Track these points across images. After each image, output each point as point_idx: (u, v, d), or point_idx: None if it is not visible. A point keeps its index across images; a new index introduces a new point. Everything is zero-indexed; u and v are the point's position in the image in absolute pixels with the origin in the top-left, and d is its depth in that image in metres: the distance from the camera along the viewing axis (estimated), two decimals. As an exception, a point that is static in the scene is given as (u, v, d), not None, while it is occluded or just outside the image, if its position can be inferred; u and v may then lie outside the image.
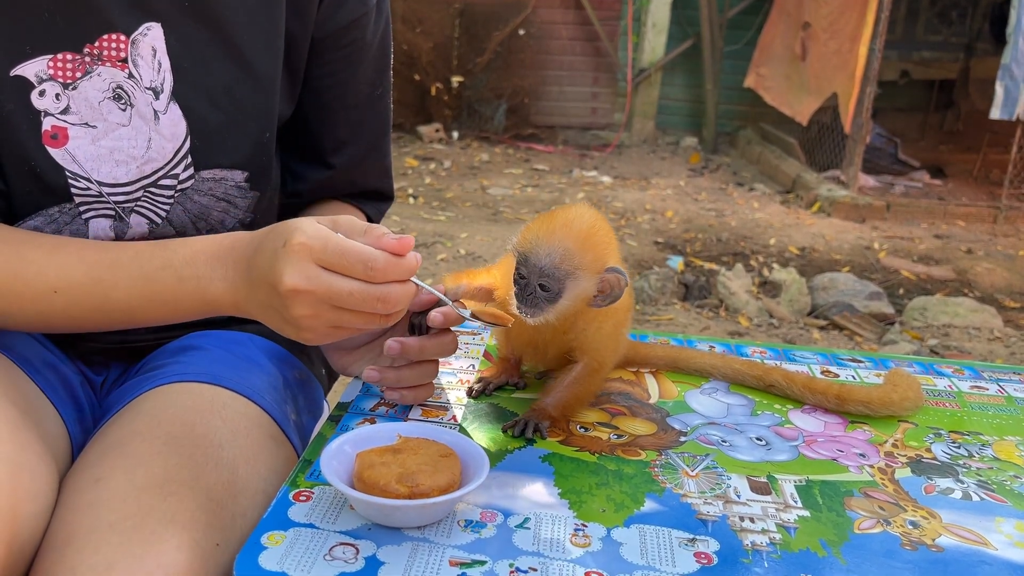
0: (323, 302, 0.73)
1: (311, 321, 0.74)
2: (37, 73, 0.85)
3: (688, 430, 0.92)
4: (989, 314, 3.43)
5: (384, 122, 1.09)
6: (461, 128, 6.55)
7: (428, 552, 0.69)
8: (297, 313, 0.74)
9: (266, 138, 0.96)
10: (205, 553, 0.72)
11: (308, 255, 0.72)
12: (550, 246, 0.82)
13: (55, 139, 0.87)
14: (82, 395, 0.97)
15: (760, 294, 3.59)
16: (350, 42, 0.99)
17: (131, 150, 0.89)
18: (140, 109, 0.89)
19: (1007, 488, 0.85)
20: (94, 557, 0.70)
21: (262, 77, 0.93)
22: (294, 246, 0.72)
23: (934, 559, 0.72)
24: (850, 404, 0.97)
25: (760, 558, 0.71)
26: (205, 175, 0.93)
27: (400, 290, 0.74)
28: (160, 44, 0.88)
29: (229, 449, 0.83)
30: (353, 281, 0.72)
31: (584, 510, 0.76)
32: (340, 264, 0.72)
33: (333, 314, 0.74)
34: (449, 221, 4.49)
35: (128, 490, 0.75)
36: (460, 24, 6.50)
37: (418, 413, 0.92)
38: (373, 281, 0.72)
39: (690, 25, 6.59)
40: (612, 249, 0.86)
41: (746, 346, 1.18)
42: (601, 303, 0.85)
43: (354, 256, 0.72)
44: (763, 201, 5.19)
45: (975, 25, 6.57)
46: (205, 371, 0.92)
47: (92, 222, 0.92)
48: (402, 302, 0.75)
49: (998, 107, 4.65)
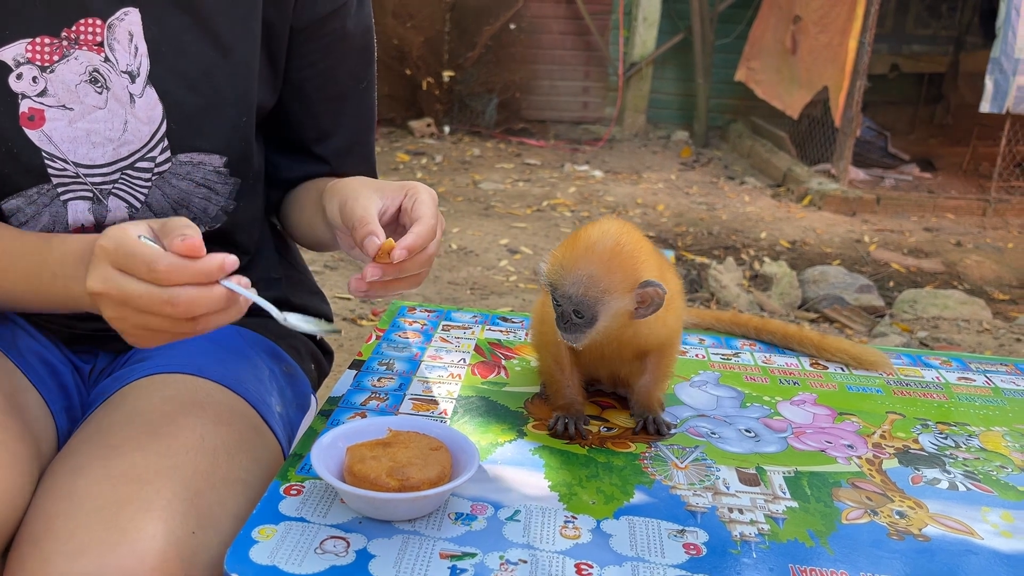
0: (122, 304, 0.72)
1: (120, 324, 0.74)
2: (15, 57, 0.87)
3: (678, 422, 0.93)
4: (978, 306, 3.45)
5: (369, 117, 1.10)
6: (452, 123, 6.54)
7: (419, 545, 0.69)
8: (107, 315, 0.74)
9: (243, 122, 0.97)
10: (180, 540, 0.73)
11: (105, 257, 0.72)
12: (575, 275, 0.82)
13: (32, 120, 0.89)
14: (71, 384, 0.98)
15: (751, 287, 3.59)
16: (330, 32, 1.00)
17: (107, 132, 0.91)
18: (116, 92, 0.90)
19: (993, 478, 0.85)
20: (68, 544, 0.71)
21: (239, 63, 0.94)
22: (96, 249, 0.73)
23: (921, 549, 0.73)
24: (827, 351, 1.13)
25: (749, 549, 0.71)
26: (182, 159, 0.94)
27: (195, 293, 0.70)
28: (137, 29, 0.90)
29: (210, 439, 0.84)
30: (141, 283, 0.71)
31: (574, 502, 0.76)
32: (129, 265, 0.71)
33: (138, 317, 0.73)
34: (441, 215, 4.48)
35: (104, 479, 0.76)
36: (451, 18, 6.48)
37: (409, 407, 0.92)
38: (159, 283, 0.70)
39: (681, 19, 6.59)
40: (642, 262, 0.84)
41: (736, 339, 1.18)
42: (644, 314, 0.84)
43: (139, 258, 0.71)
44: (754, 195, 5.21)
45: (965, 19, 6.59)
46: (189, 362, 0.93)
47: (71, 204, 0.93)
48: (200, 306, 0.71)
49: (987, 100, 4.66)
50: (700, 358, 1.11)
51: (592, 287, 0.81)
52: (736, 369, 1.08)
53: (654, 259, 0.87)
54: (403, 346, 1.09)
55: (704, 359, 1.11)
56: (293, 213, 1.09)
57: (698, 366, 1.08)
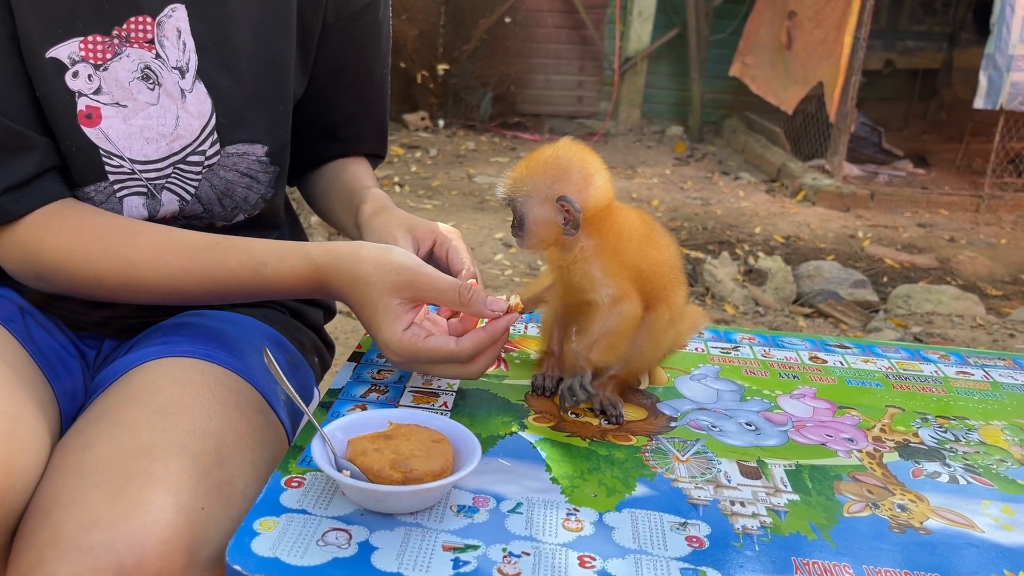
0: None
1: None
2: (70, 55, 0.88)
3: (678, 416, 0.93)
4: (972, 302, 3.46)
5: (387, 96, 1.17)
6: (447, 116, 6.52)
7: (421, 537, 0.69)
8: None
9: (281, 112, 1.00)
10: (190, 515, 0.73)
11: (403, 358, 0.85)
12: (511, 177, 0.89)
13: (89, 119, 0.90)
14: (77, 369, 0.99)
15: (746, 282, 3.60)
16: (363, 25, 1.05)
17: (160, 128, 0.93)
18: (167, 88, 0.92)
19: (993, 472, 0.86)
20: (79, 516, 0.71)
21: (276, 54, 0.97)
22: (390, 356, 0.85)
23: (922, 542, 0.73)
24: None
25: (751, 541, 0.71)
26: (230, 150, 0.97)
27: (487, 361, 0.86)
28: (185, 25, 0.92)
29: (217, 420, 0.84)
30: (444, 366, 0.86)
31: (576, 495, 0.76)
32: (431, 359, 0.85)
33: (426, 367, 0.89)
34: (435, 210, 4.48)
35: (115, 454, 0.77)
36: (446, 12, 6.47)
37: (409, 399, 0.92)
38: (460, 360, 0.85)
39: (676, 13, 6.59)
40: (571, 178, 0.87)
41: (735, 332, 1.18)
42: (570, 232, 0.87)
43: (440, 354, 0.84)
44: (748, 190, 5.21)
45: (959, 15, 6.60)
46: (197, 347, 0.93)
47: (126, 200, 0.95)
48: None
49: (981, 97, 4.68)
50: (700, 351, 1.11)
51: (517, 188, 0.88)
52: (736, 363, 1.08)
53: (601, 188, 0.88)
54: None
55: (704, 352, 1.11)
56: (317, 199, 1.17)
57: (698, 359, 1.08)
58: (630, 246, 0.90)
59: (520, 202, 0.88)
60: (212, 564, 0.73)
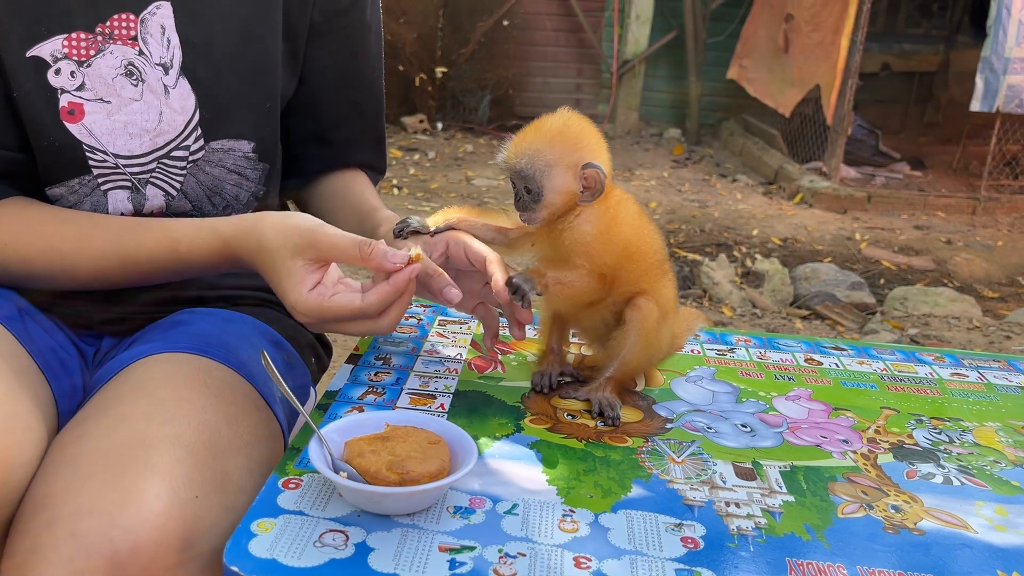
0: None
1: None
2: (52, 53, 0.90)
3: (674, 417, 0.93)
4: (968, 304, 3.47)
5: (381, 102, 1.16)
6: (445, 119, 6.53)
7: (418, 538, 0.69)
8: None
9: (268, 108, 1.01)
10: (184, 504, 0.73)
11: (308, 319, 0.86)
12: (523, 150, 0.87)
13: (72, 115, 0.92)
14: (76, 368, 1.00)
15: (743, 284, 3.61)
16: (350, 23, 1.06)
17: (144, 123, 0.94)
18: (151, 84, 0.94)
19: (987, 473, 0.86)
20: (74, 503, 0.72)
21: (262, 51, 0.98)
22: (296, 316, 0.86)
23: (916, 542, 0.73)
24: None
25: (746, 542, 0.72)
26: (215, 146, 0.98)
27: (396, 314, 0.87)
28: (169, 22, 0.94)
29: (212, 413, 0.84)
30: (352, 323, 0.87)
31: (572, 496, 0.77)
32: (334, 319, 0.86)
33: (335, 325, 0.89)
34: (434, 212, 4.48)
35: (110, 445, 0.77)
36: (444, 14, 6.48)
37: (406, 401, 0.92)
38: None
39: (673, 16, 6.60)
40: (589, 145, 0.88)
41: (730, 334, 1.19)
42: (589, 199, 0.87)
43: (344, 312, 0.85)
44: (746, 192, 5.22)
45: (955, 18, 6.62)
46: (195, 344, 0.94)
47: (110, 194, 0.96)
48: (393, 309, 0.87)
49: (978, 99, 4.69)
50: (696, 353, 1.11)
51: (537, 159, 0.86)
52: (731, 364, 1.08)
53: (603, 154, 0.89)
54: (399, 341, 1.09)
55: (699, 355, 1.11)
56: (324, 219, 1.15)
57: (693, 361, 1.09)
58: (627, 216, 0.91)
59: (540, 172, 0.86)
60: (206, 553, 0.73)
